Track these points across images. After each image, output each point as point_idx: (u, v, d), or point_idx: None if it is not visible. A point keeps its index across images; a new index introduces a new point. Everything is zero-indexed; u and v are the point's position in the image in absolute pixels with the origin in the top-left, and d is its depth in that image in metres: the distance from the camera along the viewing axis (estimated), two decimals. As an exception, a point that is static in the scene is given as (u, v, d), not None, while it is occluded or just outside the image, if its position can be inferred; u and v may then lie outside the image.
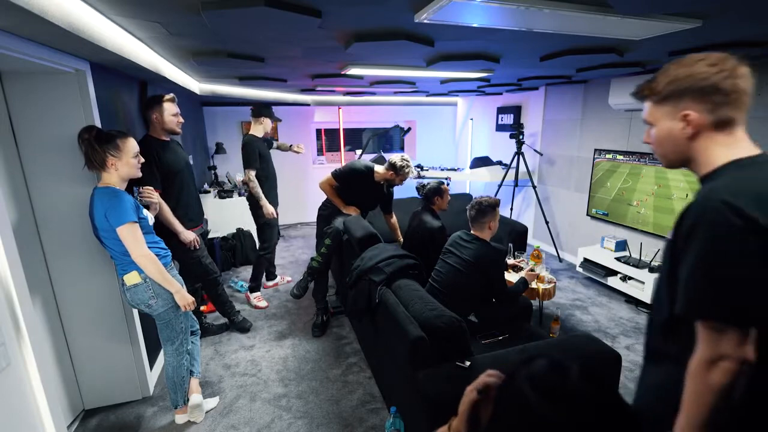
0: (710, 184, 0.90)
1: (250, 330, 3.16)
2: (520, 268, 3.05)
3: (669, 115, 0.96)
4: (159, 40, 2.00)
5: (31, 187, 1.97)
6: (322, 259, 3.04)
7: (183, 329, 2.07)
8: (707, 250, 0.83)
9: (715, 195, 0.85)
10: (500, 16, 1.54)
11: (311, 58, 2.50)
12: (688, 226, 0.87)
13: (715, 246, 0.83)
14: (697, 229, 0.85)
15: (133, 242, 1.79)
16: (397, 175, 3.08)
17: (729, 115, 0.93)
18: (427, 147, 6.80)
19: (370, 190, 3.25)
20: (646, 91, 1.00)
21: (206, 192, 4.64)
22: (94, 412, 2.29)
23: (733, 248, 0.82)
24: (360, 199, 3.30)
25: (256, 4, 1.36)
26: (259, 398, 2.41)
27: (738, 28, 1.91)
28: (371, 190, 3.25)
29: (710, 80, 0.90)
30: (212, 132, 5.73)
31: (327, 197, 3.34)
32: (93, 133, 1.78)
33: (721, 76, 0.89)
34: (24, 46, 1.49)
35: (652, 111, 1.00)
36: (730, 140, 0.95)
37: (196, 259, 2.72)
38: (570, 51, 2.37)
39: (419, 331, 1.76)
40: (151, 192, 2.18)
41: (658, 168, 3.47)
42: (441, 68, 2.88)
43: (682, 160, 1.00)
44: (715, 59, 0.90)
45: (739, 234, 0.81)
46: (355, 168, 3.19)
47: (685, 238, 0.87)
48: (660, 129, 0.99)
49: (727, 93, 0.90)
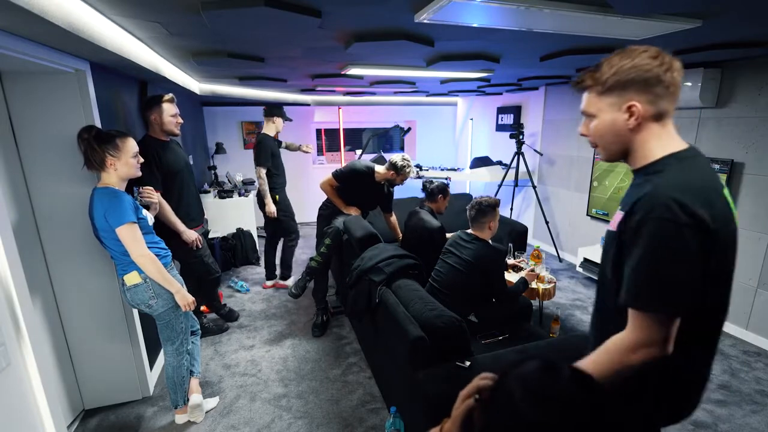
0: (656, 180, 0.92)
1: (237, 319, 3.33)
2: (520, 268, 3.05)
3: (613, 106, 0.96)
4: (159, 40, 2.00)
5: (31, 187, 1.97)
6: (321, 259, 3.04)
7: (183, 329, 2.07)
8: (654, 247, 0.86)
9: (664, 191, 0.87)
10: (500, 16, 1.54)
11: (311, 58, 2.50)
12: (637, 221, 0.88)
13: (662, 243, 0.85)
14: (646, 225, 0.86)
15: (132, 242, 1.79)
16: (398, 175, 3.08)
17: (666, 107, 0.94)
18: (427, 147, 6.79)
19: (371, 190, 3.25)
20: (589, 81, 0.98)
21: (206, 192, 4.63)
22: (94, 412, 2.29)
23: (679, 246, 0.84)
24: (361, 199, 3.31)
25: (256, 4, 1.36)
26: (259, 398, 2.41)
27: (738, 28, 1.91)
28: (372, 190, 3.26)
29: (653, 72, 0.91)
30: (212, 132, 5.73)
31: (327, 197, 3.34)
32: (92, 133, 1.78)
33: (662, 69, 0.91)
34: (24, 46, 1.49)
35: (594, 102, 0.99)
36: (664, 132, 0.97)
37: (198, 259, 2.73)
38: (570, 51, 2.37)
39: (419, 331, 1.76)
40: (151, 192, 2.18)
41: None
42: (441, 68, 2.89)
43: (623, 152, 1.01)
44: (655, 52, 0.92)
45: (686, 232, 0.84)
46: (356, 168, 3.19)
47: (634, 231, 0.89)
48: (603, 120, 0.98)
49: (668, 85, 0.92)
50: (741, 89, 2.90)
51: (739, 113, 2.93)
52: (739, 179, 2.96)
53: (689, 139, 3.27)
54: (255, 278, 4.22)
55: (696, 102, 3.02)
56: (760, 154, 2.83)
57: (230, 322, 3.28)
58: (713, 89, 2.99)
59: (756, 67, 2.79)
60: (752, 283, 2.96)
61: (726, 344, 2.96)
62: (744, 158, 2.92)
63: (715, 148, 3.09)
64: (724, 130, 3.03)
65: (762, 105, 2.80)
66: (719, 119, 3.06)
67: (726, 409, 2.30)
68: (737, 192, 2.99)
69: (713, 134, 3.10)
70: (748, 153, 2.90)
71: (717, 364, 2.72)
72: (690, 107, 3.17)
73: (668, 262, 0.85)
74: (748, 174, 2.91)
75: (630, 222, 0.90)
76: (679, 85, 0.94)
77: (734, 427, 2.17)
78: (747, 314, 3.01)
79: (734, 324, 3.09)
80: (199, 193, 3.19)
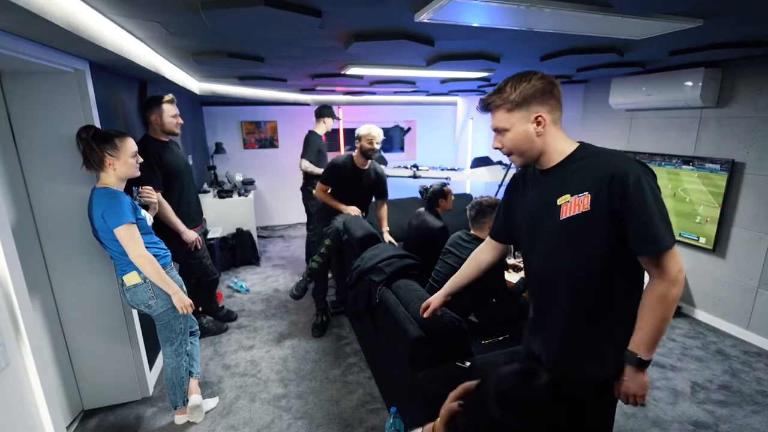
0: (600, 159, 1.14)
1: (236, 320, 3.33)
2: (521, 268, 3.04)
3: (523, 119, 1.16)
4: (159, 39, 2.00)
5: (31, 188, 1.97)
6: (321, 259, 3.03)
7: (182, 330, 2.07)
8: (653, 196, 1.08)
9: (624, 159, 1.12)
10: (500, 16, 1.54)
11: (311, 57, 2.49)
12: (627, 186, 1.06)
13: (653, 191, 1.09)
14: (638, 183, 1.07)
15: (130, 243, 1.78)
16: (361, 141, 3.02)
17: (559, 115, 1.20)
18: (427, 147, 6.79)
19: (359, 179, 3.18)
20: (498, 101, 1.18)
21: (206, 192, 4.63)
22: (93, 412, 2.29)
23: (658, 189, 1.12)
24: (353, 192, 3.23)
25: (256, 3, 1.36)
26: (259, 399, 2.40)
27: (739, 28, 1.91)
28: (360, 179, 3.18)
29: (546, 89, 1.15)
30: (212, 132, 5.73)
31: None
32: (91, 133, 1.78)
33: (550, 86, 1.15)
34: (24, 46, 1.48)
35: (506, 118, 1.18)
36: (562, 133, 1.21)
37: (197, 260, 2.72)
38: (570, 51, 2.36)
39: (419, 331, 1.75)
40: (150, 192, 2.17)
41: (660, 168, 3.47)
42: (441, 68, 2.88)
43: (535, 156, 1.21)
44: (541, 75, 1.16)
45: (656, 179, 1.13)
46: (335, 163, 3.19)
47: (629, 195, 1.06)
48: (517, 132, 1.18)
49: (557, 98, 1.17)
50: (742, 89, 2.90)
51: (740, 113, 2.93)
52: (740, 179, 2.95)
53: (690, 138, 3.27)
54: (255, 278, 4.22)
55: (697, 102, 3.02)
56: (761, 154, 2.83)
57: (229, 322, 3.27)
58: (714, 89, 2.99)
59: (757, 66, 2.79)
60: (753, 283, 2.95)
61: (727, 344, 2.96)
62: (745, 158, 2.91)
63: (716, 147, 3.08)
64: (724, 130, 3.03)
65: (763, 105, 2.79)
66: (720, 119, 3.05)
67: (727, 410, 2.29)
68: (738, 192, 2.98)
69: (714, 134, 3.10)
70: (748, 153, 2.89)
71: (717, 364, 2.72)
72: (691, 107, 3.17)
73: (662, 203, 1.09)
74: (748, 174, 2.91)
75: (615, 192, 1.08)
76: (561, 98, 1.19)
77: (735, 428, 2.16)
78: (747, 314, 3.00)
79: (735, 324, 3.09)
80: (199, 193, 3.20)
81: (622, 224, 1.09)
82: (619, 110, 3.83)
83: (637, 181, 1.06)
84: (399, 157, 6.87)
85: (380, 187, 3.28)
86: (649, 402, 2.35)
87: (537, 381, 0.57)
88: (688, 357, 2.80)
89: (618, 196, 1.07)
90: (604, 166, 1.11)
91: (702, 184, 3.15)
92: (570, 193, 1.14)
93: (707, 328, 3.20)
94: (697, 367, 2.69)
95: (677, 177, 3.34)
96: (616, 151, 1.16)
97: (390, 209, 3.53)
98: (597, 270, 1.15)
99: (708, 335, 3.09)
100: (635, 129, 3.75)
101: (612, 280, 1.15)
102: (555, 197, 1.17)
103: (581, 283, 1.18)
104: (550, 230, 1.20)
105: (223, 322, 3.22)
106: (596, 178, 1.11)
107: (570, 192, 1.14)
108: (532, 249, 1.31)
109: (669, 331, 3.14)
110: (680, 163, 3.30)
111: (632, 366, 1.14)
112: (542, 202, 1.22)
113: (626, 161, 1.11)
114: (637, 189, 1.06)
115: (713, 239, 3.11)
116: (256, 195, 5.59)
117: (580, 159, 1.17)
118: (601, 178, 1.10)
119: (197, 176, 4.33)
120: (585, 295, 1.18)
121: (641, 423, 2.19)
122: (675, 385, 2.50)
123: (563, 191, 1.16)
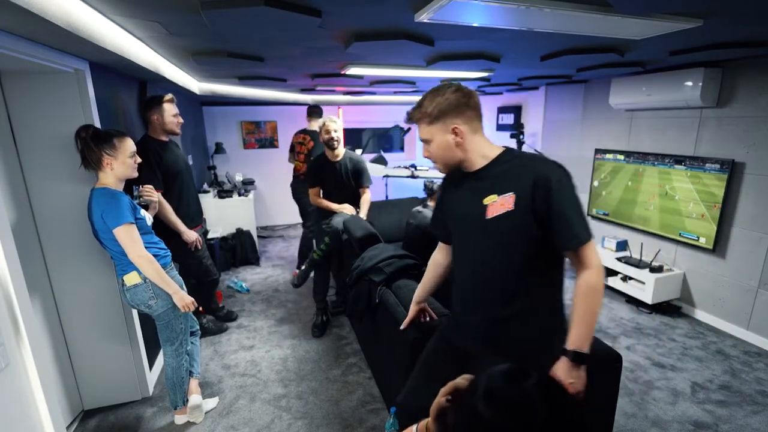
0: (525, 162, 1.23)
1: (236, 320, 3.34)
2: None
3: (441, 130, 1.24)
4: (159, 39, 2.00)
5: (30, 188, 1.97)
6: (322, 253, 3.04)
7: (183, 330, 2.07)
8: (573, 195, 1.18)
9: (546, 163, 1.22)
10: (500, 16, 1.54)
11: (311, 57, 2.49)
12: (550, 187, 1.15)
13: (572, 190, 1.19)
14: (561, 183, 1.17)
15: (129, 243, 1.78)
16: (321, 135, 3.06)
17: (477, 124, 1.27)
18: (427, 147, 6.78)
19: (335, 171, 3.16)
20: (418, 115, 1.27)
21: (206, 192, 4.63)
22: (93, 412, 2.29)
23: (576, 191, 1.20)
24: (337, 186, 3.20)
25: (256, 3, 1.36)
26: (259, 399, 2.40)
27: (739, 28, 1.91)
28: (336, 171, 3.16)
29: (461, 101, 1.22)
30: (212, 132, 5.73)
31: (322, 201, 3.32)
32: (89, 132, 1.78)
33: (466, 98, 1.23)
34: (24, 46, 1.48)
35: (427, 130, 1.27)
36: (484, 140, 1.29)
37: (197, 260, 2.72)
38: (570, 50, 2.36)
39: (419, 331, 1.75)
40: (152, 190, 2.17)
41: (661, 168, 3.47)
42: (441, 68, 2.88)
43: (457, 162, 1.29)
44: (456, 87, 1.23)
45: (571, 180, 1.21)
46: (312, 164, 3.25)
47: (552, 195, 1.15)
48: (438, 142, 1.26)
49: (474, 108, 1.25)
50: (742, 89, 2.90)
51: (740, 113, 2.93)
52: (740, 179, 2.95)
53: (690, 138, 3.27)
54: (255, 278, 4.22)
55: (696, 102, 3.02)
56: (761, 154, 2.83)
57: (229, 322, 3.28)
58: (714, 89, 2.99)
59: (757, 66, 2.79)
60: (753, 283, 2.95)
61: (727, 344, 2.96)
62: (745, 158, 2.91)
63: (716, 147, 3.08)
64: (724, 130, 3.03)
65: (763, 105, 2.79)
66: (720, 119, 3.05)
67: (727, 410, 2.29)
68: (738, 192, 2.98)
69: (714, 134, 3.10)
70: (749, 153, 2.89)
71: (717, 364, 2.72)
72: (690, 107, 3.17)
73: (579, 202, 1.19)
74: (748, 174, 2.91)
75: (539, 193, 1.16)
76: (480, 107, 1.26)
77: (735, 428, 2.16)
78: (748, 314, 3.00)
79: (735, 324, 3.09)
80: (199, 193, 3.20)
81: (545, 223, 1.17)
82: (619, 110, 3.83)
83: (558, 183, 1.16)
84: (399, 157, 6.87)
85: (360, 174, 3.21)
86: (648, 402, 2.35)
87: (527, 381, 0.57)
88: (688, 357, 2.80)
89: (542, 198, 1.15)
90: (529, 168, 1.20)
91: (701, 183, 3.15)
92: (496, 193, 1.22)
93: (707, 328, 3.20)
94: (697, 367, 2.69)
95: (678, 177, 3.34)
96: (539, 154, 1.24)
97: (390, 209, 3.53)
98: (522, 265, 1.23)
99: (708, 335, 3.09)
100: (635, 129, 3.75)
101: (536, 274, 1.24)
102: (481, 197, 1.25)
103: (507, 277, 1.26)
104: (476, 228, 1.28)
105: (223, 322, 3.22)
106: (521, 180, 1.19)
107: (496, 192, 1.22)
108: (460, 246, 1.39)
109: (669, 331, 3.14)
110: (676, 162, 3.30)
111: (574, 362, 1.17)
112: (470, 202, 1.29)
113: (549, 164, 1.21)
114: (559, 191, 1.15)
115: (713, 239, 3.11)
116: (256, 195, 5.59)
117: (505, 162, 1.25)
118: (525, 179, 1.18)
119: (197, 176, 4.33)
120: (511, 290, 1.26)
121: (641, 423, 2.19)
122: (675, 385, 2.50)
123: (489, 191, 1.24)
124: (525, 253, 1.22)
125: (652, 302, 3.35)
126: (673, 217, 3.40)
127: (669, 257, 3.53)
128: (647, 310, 3.44)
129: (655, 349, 2.89)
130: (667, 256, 3.54)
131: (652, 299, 3.34)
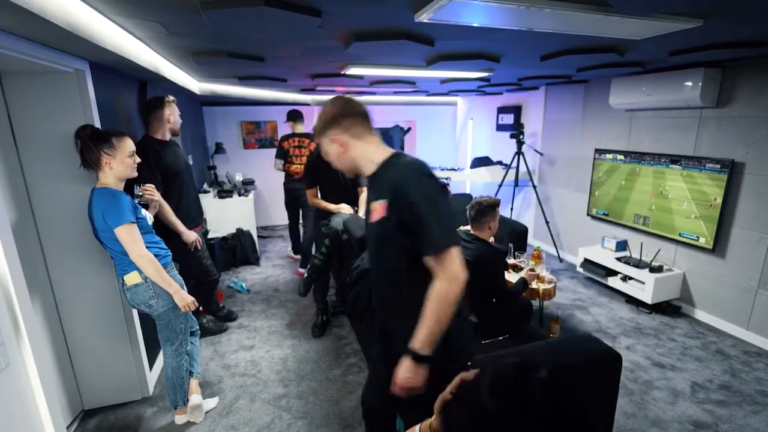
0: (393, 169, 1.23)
1: (236, 320, 3.34)
2: (520, 268, 3.04)
3: (327, 142, 1.32)
4: (159, 39, 2.00)
5: (31, 188, 1.97)
6: (323, 257, 3.04)
7: (183, 330, 2.07)
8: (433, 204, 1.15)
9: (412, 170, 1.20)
10: (500, 16, 1.54)
11: (311, 57, 2.49)
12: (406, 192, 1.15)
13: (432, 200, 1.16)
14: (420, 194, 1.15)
15: (130, 243, 1.78)
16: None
17: (360, 131, 1.29)
18: (427, 147, 6.79)
19: (334, 173, 3.05)
20: (314, 133, 1.36)
21: (206, 192, 4.63)
22: (93, 412, 2.29)
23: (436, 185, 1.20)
24: (334, 184, 3.17)
25: (256, 3, 1.36)
26: (259, 399, 2.40)
27: (739, 28, 1.91)
28: (334, 172, 3.01)
29: (335, 113, 1.29)
30: (212, 132, 5.73)
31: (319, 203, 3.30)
32: (88, 132, 1.78)
33: (342, 107, 1.28)
34: (24, 46, 1.49)
35: (321, 143, 1.35)
36: (372, 146, 1.31)
37: (197, 260, 2.72)
38: (570, 51, 2.36)
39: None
40: (152, 189, 2.17)
41: (657, 168, 3.47)
42: (441, 68, 2.88)
43: (354, 168, 1.34)
44: (333, 99, 1.31)
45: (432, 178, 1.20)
46: (308, 162, 3.25)
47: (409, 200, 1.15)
48: (331, 153, 1.33)
49: (353, 114, 1.28)
50: (742, 89, 2.90)
51: (740, 113, 2.93)
52: (740, 179, 2.95)
53: (689, 138, 3.27)
54: (255, 278, 4.22)
55: (696, 102, 3.02)
56: (761, 154, 2.83)
57: (229, 322, 3.28)
58: (714, 89, 2.99)
59: (757, 66, 2.79)
60: (753, 283, 2.95)
61: (726, 344, 2.96)
62: (744, 158, 2.92)
63: (716, 148, 3.08)
64: (724, 130, 3.03)
65: (763, 105, 2.79)
66: (720, 119, 3.05)
67: (727, 410, 2.29)
68: (738, 192, 2.98)
69: (714, 134, 3.10)
70: (748, 153, 2.89)
71: (717, 364, 2.72)
72: (690, 107, 3.17)
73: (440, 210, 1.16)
74: (748, 174, 2.91)
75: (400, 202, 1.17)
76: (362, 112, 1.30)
77: (735, 428, 2.17)
78: (747, 314, 3.00)
79: (734, 324, 3.09)
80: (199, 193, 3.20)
81: (408, 228, 1.18)
82: (619, 110, 3.83)
83: (417, 192, 1.16)
84: (399, 157, 6.87)
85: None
86: (648, 402, 2.35)
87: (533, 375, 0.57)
88: (688, 357, 2.80)
89: (403, 206, 1.17)
90: (394, 176, 1.21)
91: (694, 183, 3.15)
92: (377, 199, 1.26)
93: (707, 328, 3.20)
94: (697, 367, 2.69)
95: (677, 177, 3.34)
96: (412, 160, 1.24)
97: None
98: (401, 266, 1.26)
99: (708, 335, 3.09)
100: (635, 129, 3.75)
101: (415, 275, 1.23)
102: (370, 202, 1.30)
103: (390, 278, 1.32)
104: (369, 234, 1.36)
105: (223, 322, 3.22)
106: (389, 187, 1.21)
107: (377, 198, 1.26)
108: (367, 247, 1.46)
109: (669, 331, 3.14)
110: (672, 162, 3.30)
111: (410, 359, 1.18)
112: (368, 206, 1.34)
113: (411, 171, 1.20)
114: (417, 199, 1.15)
115: (713, 239, 3.11)
116: (256, 195, 5.59)
117: (385, 168, 1.27)
118: (391, 187, 1.20)
119: (197, 176, 4.33)
120: (395, 290, 1.32)
121: (641, 423, 2.19)
122: (675, 385, 2.50)
123: (374, 197, 1.28)
124: (402, 256, 1.23)
125: (651, 302, 3.35)
126: (668, 215, 3.41)
127: (669, 257, 3.53)
128: (647, 310, 3.44)
129: (655, 349, 2.89)
130: (667, 256, 3.54)
131: (652, 299, 3.34)
